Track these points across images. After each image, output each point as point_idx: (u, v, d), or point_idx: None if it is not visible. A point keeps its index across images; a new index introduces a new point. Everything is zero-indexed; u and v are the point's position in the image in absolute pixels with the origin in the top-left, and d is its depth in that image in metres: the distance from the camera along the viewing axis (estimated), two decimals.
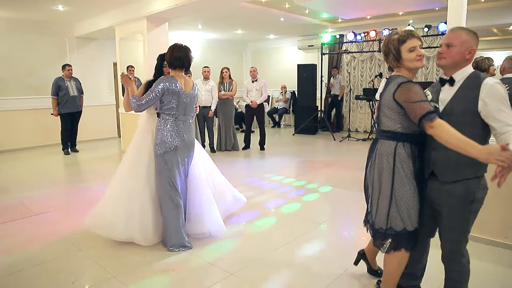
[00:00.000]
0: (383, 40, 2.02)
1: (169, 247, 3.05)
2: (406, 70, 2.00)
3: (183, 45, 3.11)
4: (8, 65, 7.64)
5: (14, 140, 7.82)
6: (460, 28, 1.94)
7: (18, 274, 2.75)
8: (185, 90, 3.08)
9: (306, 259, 2.95)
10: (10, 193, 4.83)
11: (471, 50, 1.87)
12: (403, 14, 7.76)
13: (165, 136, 3.03)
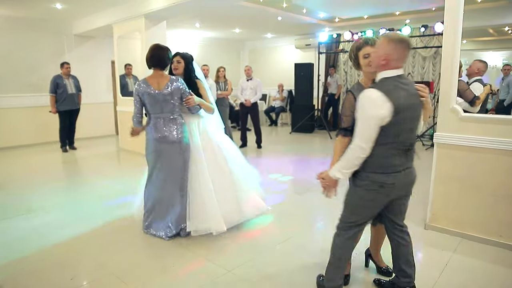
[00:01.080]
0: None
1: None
2: (364, 75, 2.29)
3: (156, 45, 3.28)
4: (6, 62, 7.65)
5: (12, 137, 7.84)
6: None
7: (16, 271, 2.80)
8: (157, 88, 3.17)
9: (304, 256, 3.01)
10: (9, 190, 4.86)
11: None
12: (400, 14, 7.82)
13: (148, 133, 3.32)
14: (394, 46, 1.92)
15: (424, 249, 3.16)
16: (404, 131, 2.00)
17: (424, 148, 7.29)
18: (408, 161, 2.09)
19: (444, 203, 3.37)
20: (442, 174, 3.35)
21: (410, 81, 2.07)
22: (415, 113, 2.04)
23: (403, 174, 2.06)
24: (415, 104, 2.02)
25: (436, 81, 8.19)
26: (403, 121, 1.95)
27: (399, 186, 2.06)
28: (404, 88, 1.96)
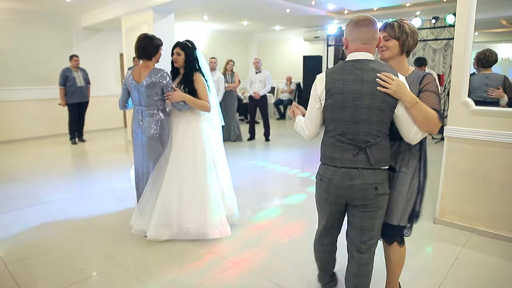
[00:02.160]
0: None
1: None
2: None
3: (142, 35, 3.16)
4: (16, 55, 7.71)
5: (23, 130, 7.93)
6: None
7: (27, 261, 2.84)
8: (137, 80, 3.12)
9: (311, 249, 3.01)
10: (19, 181, 4.93)
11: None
12: (410, 5, 7.69)
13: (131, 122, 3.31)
14: (350, 28, 1.82)
15: (433, 244, 3.14)
16: (343, 120, 1.78)
17: (433, 142, 7.21)
18: (355, 161, 1.79)
19: (453, 197, 3.34)
20: (452, 168, 3.32)
21: (373, 66, 1.77)
22: (362, 101, 1.74)
23: (343, 172, 1.81)
24: (366, 92, 1.74)
25: (447, 73, 8.08)
26: (338, 105, 1.78)
27: (338, 185, 1.82)
28: (354, 72, 1.76)
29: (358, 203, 1.85)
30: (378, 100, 1.75)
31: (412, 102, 1.76)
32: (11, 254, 2.92)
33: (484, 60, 3.96)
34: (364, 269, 1.97)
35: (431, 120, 1.78)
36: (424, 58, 5.53)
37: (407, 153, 1.99)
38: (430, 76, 1.92)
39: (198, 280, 2.56)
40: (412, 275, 2.59)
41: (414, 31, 1.95)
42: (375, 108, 1.76)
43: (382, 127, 1.80)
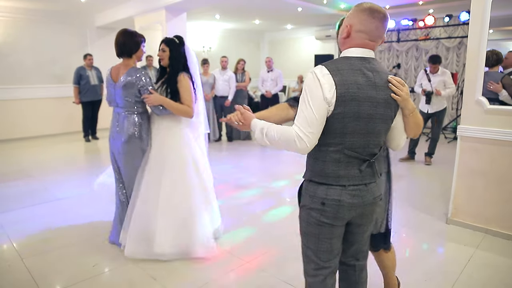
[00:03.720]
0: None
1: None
2: None
3: (121, 30, 2.89)
4: (32, 54, 7.86)
5: (38, 127, 8.08)
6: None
7: (41, 255, 2.90)
8: (114, 80, 2.87)
9: None
10: (34, 178, 5.02)
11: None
12: (423, 3, 7.60)
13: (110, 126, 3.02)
14: (362, 15, 1.49)
15: (445, 245, 3.11)
16: (354, 131, 1.47)
17: (446, 141, 7.12)
18: (364, 177, 1.53)
19: (466, 197, 3.30)
20: (465, 168, 3.28)
21: (381, 68, 1.53)
22: (374, 110, 1.47)
23: (352, 191, 1.51)
24: (377, 99, 1.47)
25: (460, 72, 7.96)
26: (353, 115, 1.44)
27: (349, 206, 1.52)
28: (366, 74, 1.46)
29: (364, 220, 1.61)
30: (391, 108, 1.52)
31: (412, 110, 1.57)
32: (27, 249, 2.99)
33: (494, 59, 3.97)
34: (364, 275, 1.79)
35: (421, 125, 1.65)
36: (438, 56, 5.46)
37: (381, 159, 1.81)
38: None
39: (208, 277, 2.58)
40: (424, 276, 2.57)
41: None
42: (388, 118, 1.53)
43: (384, 136, 1.60)
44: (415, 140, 5.68)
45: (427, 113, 5.45)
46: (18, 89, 7.79)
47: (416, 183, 4.81)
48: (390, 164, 1.98)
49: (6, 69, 7.58)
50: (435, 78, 5.38)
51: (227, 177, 5.02)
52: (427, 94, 5.35)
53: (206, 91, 7.16)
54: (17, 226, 3.45)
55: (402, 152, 5.95)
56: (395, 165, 5.55)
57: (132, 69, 2.80)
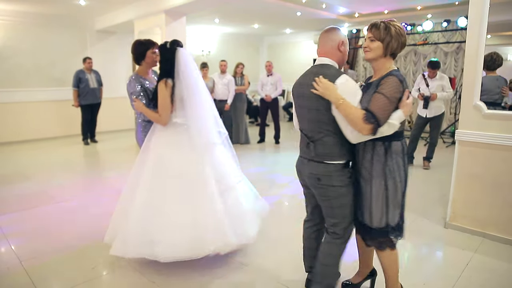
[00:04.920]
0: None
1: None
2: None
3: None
4: (31, 57, 7.87)
5: (37, 130, 8.08)
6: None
7: (40, 258, 2.90)
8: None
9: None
10: (33, 180, 5.02)
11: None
12: (421, 8, 7.64)
13: None
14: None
15: (444, 249, 3.12)
16: (298, 118, 2.14)
17: (444, 146, 7.15)
18: (307, 152, 2.09)
19: (465, 201, 3.31)
20: (463, 172, 3.29)
21: (316, 70, 2.02)
22: (303, 103, 2.05)
23: (300, 161, 2.17)
24: (305, 94, 2.01)
25: (458, 77, 8.00)
26: (296, 106, 2.14)
27: (298, 170, 2.19)
28: (304, 75, 2.07)
29: (311, 188, 2.13)
30: (312, 101, 1.98)
31: (335, 102, 1.87)
32: (26, 251, 2.99)
33: (490, 63, 4.03)
34: (324, 247, 2.16)
35: (353, 120, 1.84)
36: (438, 61, 5.50)
37: (368, 155, 1.98)
38: (390, 78, 1.88)
39: (207, 281, 2.59)
40: (422, 280, 2.58)
41: (401, 34, 1.93)
42: (312, 109, 2.00)
43: (324, 125, 1.98)
44: (413, 144, 5.70)
45: (425, 117, 5.47)
46: (18, 92, 7.79)
47: (414, 187, 4.81)
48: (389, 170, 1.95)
49: (6, 72, 7.58)
50: (433, 83, 5.41)
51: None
52: (425, 98, 5.38)
53: None
54: (16, 228, 3.45)
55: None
56: None
57: (131, 76, 2.90)
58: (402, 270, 2.69)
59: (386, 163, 1.95)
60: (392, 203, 1.98)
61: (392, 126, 1.87)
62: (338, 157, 2.00)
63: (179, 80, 2.75)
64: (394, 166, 1.95)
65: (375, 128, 1.83)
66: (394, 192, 1.97)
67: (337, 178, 2.01)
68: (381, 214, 1.99)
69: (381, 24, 1.93)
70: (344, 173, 2.03)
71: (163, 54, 2.78)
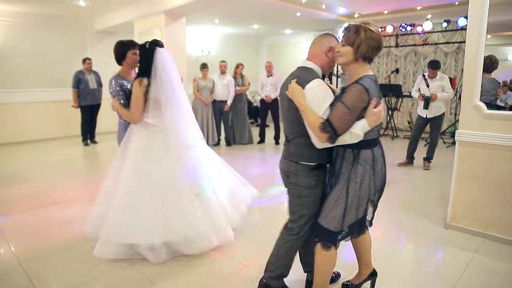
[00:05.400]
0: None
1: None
2: None
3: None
4: (31, 58, 7.87)
5: (37, 131, 8.08)
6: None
7: (39, 259, 2.89)
8: None
9: None
10: (33, 181, 5.01)
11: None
12: (421, 8, 7.64)
13: None
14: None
15: (444, 249, 3.11)
16: (282, 117, 2.19)
17: (445, 146, 7.14)
18: (284, 150, 2.18)
19: (465, 202, 3.30)
20: (463, 173, 3.28)
21: (296, 73, 2.05)
22: (282, 103, 2.11)
23: (281, 159, 2.23)
24: (283, 95, 2.06)
25: (459, 77, 8.00)
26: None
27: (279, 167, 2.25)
28: (288, 77, 2.09)
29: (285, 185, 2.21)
30: (286, 102, 2.04)
31: (300, 107, 1.92)
32: (25, 252, 2.98)
33: (489, 65, 4.07)
34: (279, 239, 2.27)
35: (311, 128, 1.89)
36: (438, 62, 5.50)
37: (339, 160, 2.01)
38: (354, 87, 1.85)
39: (207, 281, 2.58)
40: (423, 281, 2.57)
41: (371, 38, 1.85)
42: (286, 109, 2.07)
43: (295, 126, 2.03)
44: (413, 145, 5.70)
45: (426, 118, 5.47)
46: (17, 92, 7.79)
47: (414, 188, 4.82)
48: (354, 175, 1.93)
49: (6, 73, 7.59)
50: (433, 83, 5.41)
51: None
52: (425, 99, 5.37)
53: (205, 95, 7.17)
54: (15, 229, 3.44)
55: (401, 157, 5.97)
56: (394, 169, 5.56)
57: (111, 78, 2.97)
58: (402, 271, 2.70)
59: (352, 170, 1.94)
60: (351, 209, 1.96)
61: (355, 135, 1.84)
62: (308, 159, 2.04)
63: (155, 80, 2.76)
64: (362, 174, 1.93)
65: (332, 137, 1.84)
66: (356, 199, 1.95)
67: (303, 179, 2.07)
68: (339, 218, 1.98)
69: (352, 27, 1.89)
70: (311, 175, 2.06)
71: (142, 53, 2.80)
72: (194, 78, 7.18)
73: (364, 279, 2.41)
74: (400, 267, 2.78)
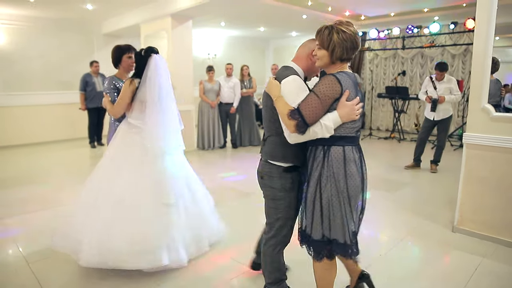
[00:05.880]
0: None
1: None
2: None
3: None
4: (39, 61, 7.96)
5: (44, 133, 8.16)
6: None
7: (48, 260, 2.92)
8: None
9: None
10: (41, 183, 5.05)
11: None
12: (428, 10, 7.61)
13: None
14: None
15: (452, 253, 3.08)
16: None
17: (452, 149, 7.08)
18: (261, 149, 2.17)
19: (473, 205, 3.27)
20: (471, 176, 3.26)
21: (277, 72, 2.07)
22: (263, 101, 2.11)
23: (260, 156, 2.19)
24: (264, 93, 2.07)
25: (466, 79, 7.94)
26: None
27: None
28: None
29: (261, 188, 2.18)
30: (265, 100, 2.06)
31: (273, 98, 1.93)
32: (33, 253, 3.01)
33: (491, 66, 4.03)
34: (263, 246, 2.22)
35: (281, 116, 1.87)
36: (446, 63, 5.46)
37: (311, 160, 1.92)
38: (327, 77, 1.81)
39: (212, 284, 2.58)
40: (430, 285, 2.55)
41: (345, 39, 1.80)
42: (265, 106, 2.07)
43: (272, 124, 2.03)
44: (421, 148, 5.66)
45: (433, 120, 5.43)
46: (26, 95, 7.88)
47: (421, 190, 4.78)
48: (323, 174, 1.85)
49: (16, 76, 7.68)
50: (441, 85, 5.38)
51: (231, 184, 5.02)
52: (433, 101, 5.34)
53: (211, 98, 7.20)
54: (23, 230, 3.48)
55: (408, 159, 5.93)
56: (401, 172, 5.52)
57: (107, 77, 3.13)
58: (409, 274, 2.67)
59: (322, 171, 1.84)
60: (328, 215, 1.85)
61: (326, 127, 1.77)
62: (282, 159, 2.02)
63: (144, 84, 2.84)
64: (333, 175, 1.82)
65: (300, 126, 1.77)
66: (330, 203, 1.83)
67: (277, 181, 2.05)
68: (317, 224, 1.88)
69: (325, 30, 1.83)
70: (285, 177, 2.03)
71: (137, 60, 2.95)
72: (200, 81, 7.20)
73: (356, 283, 2.33)
74: (407, 270, 2.76)
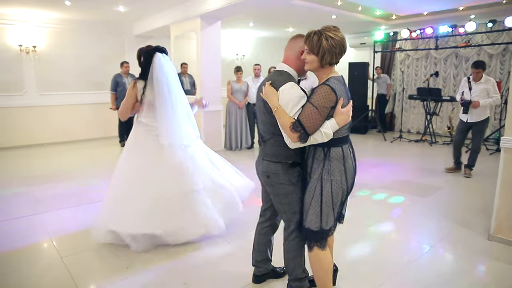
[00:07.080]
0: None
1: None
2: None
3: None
4: (74, 62, 8.28)
5: (77, 131, 8.49)
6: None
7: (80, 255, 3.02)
8: None
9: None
10: (74, 180, 5.24)
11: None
12: (464, 8, 7.33)
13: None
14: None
15: (487, 262, 2.94)
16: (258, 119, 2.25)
17: (488, 153, 6.79)
18: (261, 151, 2.24)
19: (510, 212, 3.11)
20: (509, 181, 3.10)
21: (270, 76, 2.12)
22: (258, 104, 2.19)
23: (257, 159, 2.27)
24: (259, 97, 2.13)
25: (504, 80, 7.60)
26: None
27: (256, 168, 2.29)
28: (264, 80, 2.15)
29: (266, 187, 2.23)
30: (261, 104, 2.12)
31: (273, 109, 1.99)
32: (66, 248, 3.11)
33: None
34: (285, 245, 2.26)
35: (283, 128, 1.97)
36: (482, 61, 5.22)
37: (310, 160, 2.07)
38: (321, 88, 1.92)
39: (223, 280, 2.58)
40: None
41: (334, 45, 1.90)
42: (261, 111, 2.14)
43: (271, 127, 2.10)
44: (457, 150, 5.45)
45: (467, 122, 5.21)
46: (61, 95, 8.21)
47: (455, 196, 4.60)
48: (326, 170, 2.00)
49: (52, 77, 8.02)
50: (477, 87, 5.13)
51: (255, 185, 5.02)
52: (464, 103, 5.11)
53: (239, 98, 7.23)
54: (57, 226, 3.60)
55: (440, 163, 5.73)
56: (434, 176, 5.34)
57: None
58: (441, 283, 2.57)
59: (324, 168, 2.00)
60: (328, 207, 2.02)
61: (326, 134, 1.91)
62: (285, 158, 2.11)
63: (151, 84, 2.98)
64: (334, 171, 2.00)
65: (303, 137, 1.90)
66: (330, 196, 2.01)
67: (285, 177, 2.11)
68: (316, 217, 2.03)
69: (314, 36, 1.91)
70: (291, 172, 2.12)
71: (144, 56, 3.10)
72: (228, 81, 7.25)
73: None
74: (436, 279, 2.65)
